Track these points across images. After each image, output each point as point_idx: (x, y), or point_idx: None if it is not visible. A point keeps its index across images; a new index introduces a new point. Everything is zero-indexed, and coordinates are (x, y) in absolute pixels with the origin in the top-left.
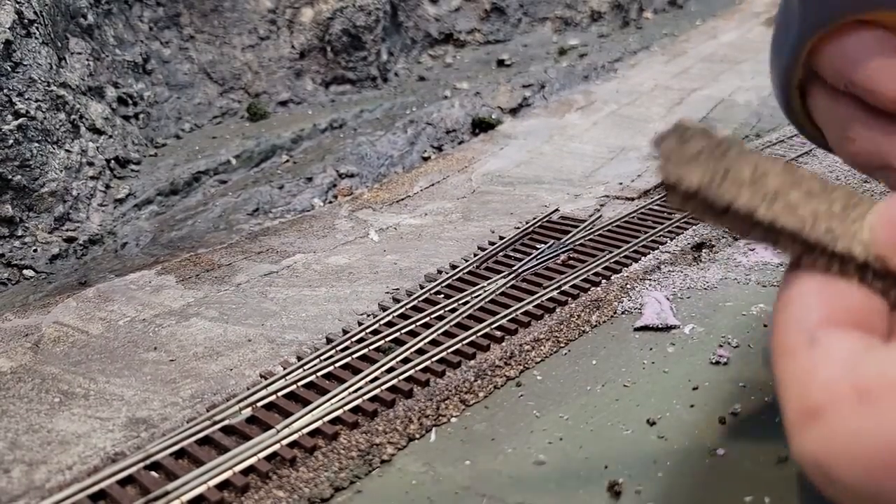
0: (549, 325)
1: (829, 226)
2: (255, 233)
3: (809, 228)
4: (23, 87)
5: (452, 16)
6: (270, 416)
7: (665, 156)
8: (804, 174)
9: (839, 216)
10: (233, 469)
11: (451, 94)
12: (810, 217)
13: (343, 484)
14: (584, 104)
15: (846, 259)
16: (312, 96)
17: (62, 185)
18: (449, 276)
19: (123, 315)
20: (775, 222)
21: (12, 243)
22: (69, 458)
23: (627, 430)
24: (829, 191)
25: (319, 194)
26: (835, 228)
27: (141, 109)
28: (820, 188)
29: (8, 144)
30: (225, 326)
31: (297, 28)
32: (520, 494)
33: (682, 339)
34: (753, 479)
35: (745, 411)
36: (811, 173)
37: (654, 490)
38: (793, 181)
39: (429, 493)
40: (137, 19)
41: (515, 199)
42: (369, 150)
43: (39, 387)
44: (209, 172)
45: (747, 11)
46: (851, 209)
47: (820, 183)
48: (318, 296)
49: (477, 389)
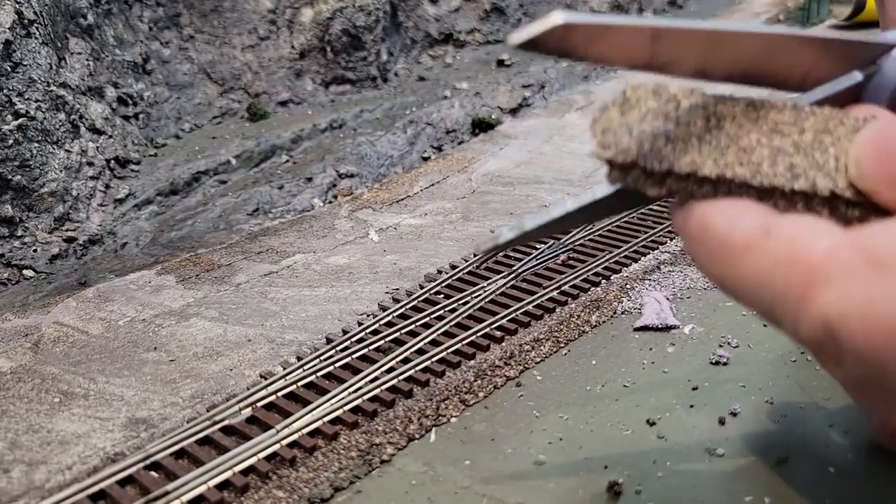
0: (549, 326)
1: (791, 162)
2: (255, 233)
3: (765, 172)
4: (23, 87)
5: (452, 16)
6: (270, 416)
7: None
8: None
9: (807, 148)
10: (233, 469)
11: (451, 94)
12: (768, 158)
13: (343, 484)
14: (584, 104)
15: (809, 195)
16: (312, 96)
17: (62, 185)
18: (449, 277)
19: (123, 315)
20: (722, 175)
21: (12, 243)
22: (69, 459)
23: (627, 430)
24: (801, 119)
25: (319, 194)
26: (797, 164)
27: (141, 109)
28: (790, 118)
29: (8, 144)
30: (225, 326)
31: (296, 28)
32: (520, 494)
33: (681, 339)
34: (753, 479)
35: (745, 411)
36: (782, 103)
37: (654, 490)
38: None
39: (429, 494)
40: (137, 19)
41: (515, 200)
42: (369, 150)
43: (39, 387)
44: (209, 172)
45: (747, 11)
46: (826, 134)
47: (792, 112)
48: (318, 296)
49: (477, 389)
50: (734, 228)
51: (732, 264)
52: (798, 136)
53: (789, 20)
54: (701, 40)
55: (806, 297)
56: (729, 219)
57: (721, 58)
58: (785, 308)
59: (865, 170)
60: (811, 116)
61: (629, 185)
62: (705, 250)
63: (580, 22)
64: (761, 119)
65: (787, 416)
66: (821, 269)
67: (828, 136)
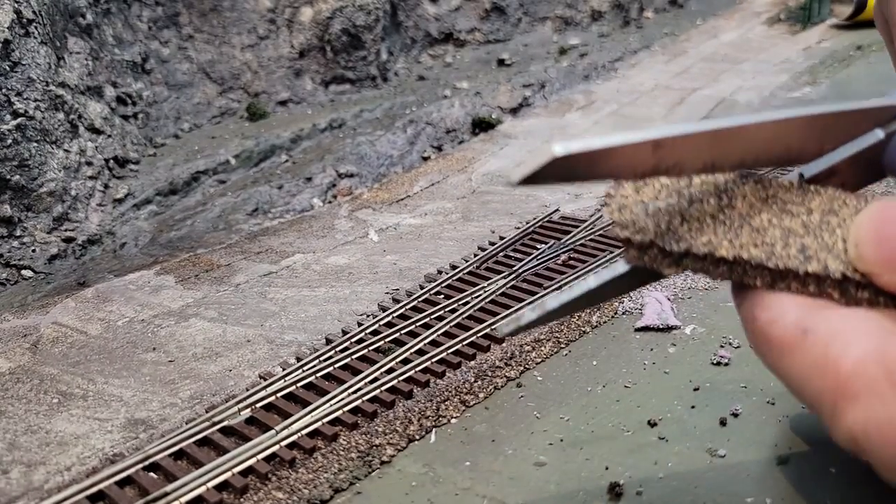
0: (550, 326)
1: (802, 243)
2: (255, 233)
3: (779, 254)
4: (21, 86)
5: (452, 15)
6: (270, 416)
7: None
8: (780, 185)
9: (815, 229)
10: (232, 470)
11: (451, 94)
12: (781, 240)
13: (342, 485)
14: (585, 104)
15: (821, 278)
16: (312, 96)
17: (61, 184)
18: (449, 277)
19: (122, 315)
20: (739, 257)
21: (11, 243)
22: (68, 459)
23: (628, 431)
24: (808, 199)
25: (319, 194)
26: (808, 246)
27: (140, 109)
28: (798, 198)
29: (6, 144)
30: (224, 327)
31: (296, 27)
32: (520, 495)
33: (683, 339)
34: (754, 479)
35: (747, 412)
36: (789, 182)
37: (655, 491)
38: (764, 198)
39: (429, 495)
40: (136, 19)
41: (515, 199)
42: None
43: (38, 387)
44: (208, 172)
45: (748, 11)
46: (832, 215)
47: (799, 192)
48: (318, 296)
49: (477, 390)
50: (774, 324)
51: (777, 357)
52: (806, 216)
53: (790, 19)
54: (705, 141)
55: (837, 407)
56: (771, 313)
57: (729, 152)
58: (821, 412)
59: (864, 253)
60: (817, 196)
61: (646, 264)
62: (754, 340)
63: (578, 151)
64: (770, 199)
65: (788, 416)
66: (849, 384)
67: (834, 216)
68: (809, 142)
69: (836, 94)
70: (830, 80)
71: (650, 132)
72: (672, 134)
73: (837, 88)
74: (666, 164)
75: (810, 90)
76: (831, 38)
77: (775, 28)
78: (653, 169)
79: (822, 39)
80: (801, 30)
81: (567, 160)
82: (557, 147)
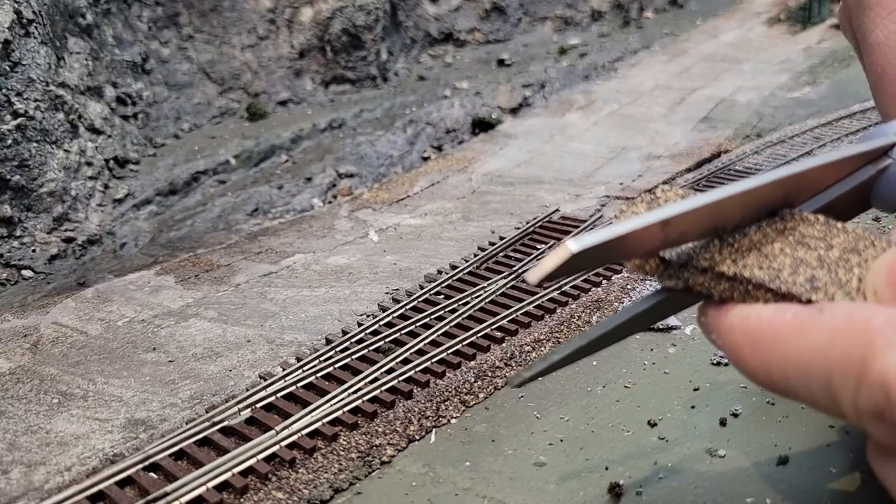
0: (550, 326)
1: (813, 275)
2: (255, 233)
3: (784, 279)
4: (21, 86)
5: (452, 15)
6: (270, 417)
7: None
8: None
9: (831, 264)
10: (232, 470)
11: (451, 94)
12: (789, 267)
13: (343, 485)
14: (585, 104)
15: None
16: (312, 96)
17: (61, 185)
18: (449, 277)
19: (122, 316)
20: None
21: (11, 244)
22: (68, 460)
23: (628, 431)
24: (831, 235)
25: (319, 194)
26: (819, 278)
27: (140, 109)
28: (820, 233)
29: (6, 144)
30: (224, 327)
31: (296, 28)
32: (520, 496)
33: (683, 339)
34: (754, 480)
35: (747, 412)
36: (815, 217)
37: (655, 491)
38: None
39: (429, 495)
40: (136, 19)
41: (515, 199)
42: (369, 149)
43: (38, 388)
44: (208, 172)
45: (748, 11)
46: (854, 254)
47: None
48: (318, 296)
49: (477, 390)
50: (784, 311)
51: (781, 345)
52: (824, 251)
53: (790, 20)
54: (707, 210)
55: (866, 360)
56: (775, 307)
57: (732, 215)
58: (844, 377)
59: (884, 297)
60: (842, 234)
61: (647, 273)
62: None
63: (594, 244)
64: (788, 230)
65: (788, 416)
66: (882, 334)
67: (856, 255)
68: (810, 190)
69: (836, 94)
70: (830, 80)
71: (657, 214)
72: (679, 211)
73: (837, 88)
74: (672, 237)
75: (810, 90)
76: (831, 38)
77: (775, 28)
78: (661, 243)
79: (822, 39)
80: (802, 30)
81: (583, 254)
82: (573, 244)
